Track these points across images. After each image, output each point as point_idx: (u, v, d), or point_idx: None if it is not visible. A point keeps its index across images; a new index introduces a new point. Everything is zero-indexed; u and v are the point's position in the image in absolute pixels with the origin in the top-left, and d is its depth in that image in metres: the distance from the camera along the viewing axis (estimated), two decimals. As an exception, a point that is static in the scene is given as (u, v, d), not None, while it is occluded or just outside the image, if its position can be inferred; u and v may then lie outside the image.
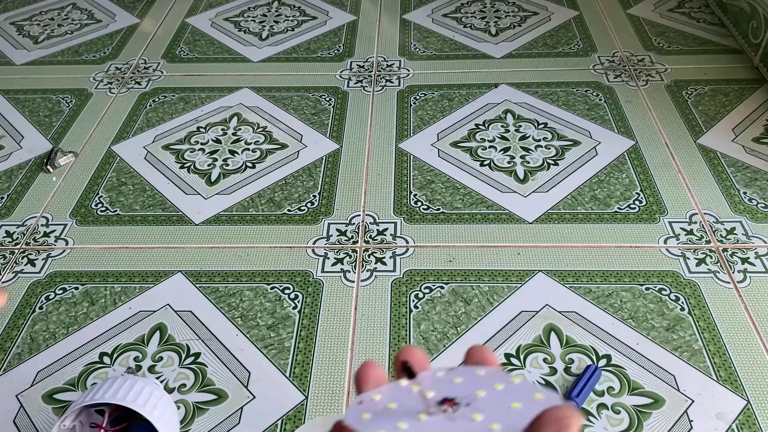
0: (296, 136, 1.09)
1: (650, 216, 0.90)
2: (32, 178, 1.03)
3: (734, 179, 0.96)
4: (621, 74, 1.20)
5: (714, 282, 0.80)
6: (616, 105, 1.12)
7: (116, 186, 1.00)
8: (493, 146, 1.04)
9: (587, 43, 1.30)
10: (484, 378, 0.21)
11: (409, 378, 0.22)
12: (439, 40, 1.33)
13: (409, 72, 1.23)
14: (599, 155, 1.02)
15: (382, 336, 0.76)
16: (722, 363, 0.72)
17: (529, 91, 1.17)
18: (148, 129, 1.12)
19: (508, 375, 0.21)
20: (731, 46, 1.26)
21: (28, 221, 0.94)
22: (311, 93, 1.19)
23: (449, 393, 0.20)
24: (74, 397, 0.71)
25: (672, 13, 1.37)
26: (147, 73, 1.26)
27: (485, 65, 1.24)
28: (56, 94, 1.22)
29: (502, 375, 0.21)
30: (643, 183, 0.96)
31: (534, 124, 1.09)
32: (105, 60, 1.31)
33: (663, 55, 1.24)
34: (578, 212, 0.92)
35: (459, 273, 0.83)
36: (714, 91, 1.14)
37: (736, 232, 0.87)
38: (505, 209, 0.92)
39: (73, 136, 1.11)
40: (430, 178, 0.99)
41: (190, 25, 1.42)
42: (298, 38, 1.36)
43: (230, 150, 1.07)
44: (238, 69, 1.27)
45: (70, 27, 1.43)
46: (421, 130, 1.09)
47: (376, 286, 0.82)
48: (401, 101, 1.16)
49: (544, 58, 1.26)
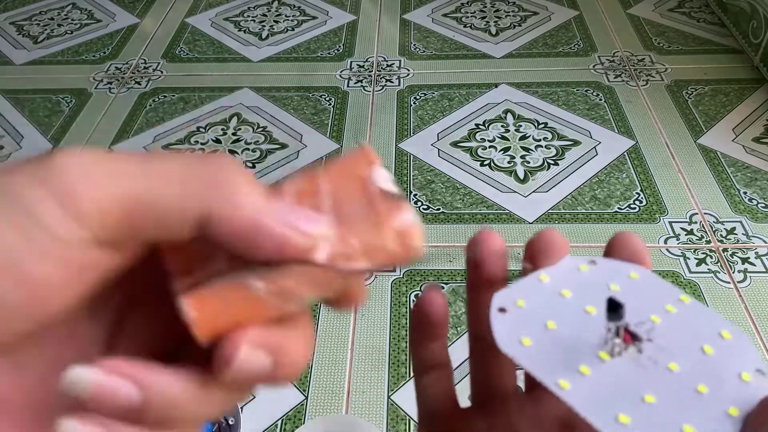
0: (296, 136, 1.09)
1: (650, 216, 0.90)
2: (32, 178, 1.02)
3: (734, 179, 0.96)
4: (621, 74, 1.20)
5: (714, 282, 0.80)
6: (617, 105, 1.12)
7: (116, 186, 1.00)
8: (493, 146, 1.04)
9: (587, 42, 1.29)
10: (644, 287, 0.18)
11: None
12: (439, 39, 1.33)
13: (409, 72, 1.23)
14: (599, 155, 1.02)
15: (382, 336, 0.76)
16: (722, 363, 0.72)
17: (529, 90, 1.17)
18: (147, 129, 1.12)
19: (670, 287, 0.18)
20: (731, 45, 1.25)
21: (28, 221, 0.94)
22: (311, 93, 1.19)
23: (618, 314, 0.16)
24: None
25: (672, 13, 1.37)
26: (147, 73, 1.26)
27: (485, 65, 1.24)
28: (56, 94, 1.21)
29: (664, 286, 0.18)
30: (643, 183, 0.96)
31: (534, 124, 1.09)
32: (105, 60, 1.31)
33: (663, 54, 1.24)
34: (578, 212, 0.92)
35: (459, 273, 0.83)
36: (714, 91, 1.14)
37: (736, 232, 0.87)
38: (506, 209, 0.92)
39: (73, 136, 1.11)
40: (430, 178, 0.99)
41: (190, 24, 1.42)
42: (298, 38, 1.36)
43: (230, 150, 1.07)
44: (238, 69, 1.27)
45: (69, 27, 1.43)
46: (421, 130, 1.09)
47: (376, 286, 0.82)
48: (401, 101, 1.16)
49: (545, 57, 1.26)
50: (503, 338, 0.17)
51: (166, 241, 0.15)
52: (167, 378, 0.14)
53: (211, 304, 0.15)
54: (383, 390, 0.71)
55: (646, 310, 0.17)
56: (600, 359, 0.16)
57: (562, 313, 0.17)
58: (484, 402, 0.21)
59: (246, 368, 0.15)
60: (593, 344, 0.16)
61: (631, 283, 0.18)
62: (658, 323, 0.17)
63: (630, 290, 0.18)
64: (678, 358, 0.16)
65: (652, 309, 0.17)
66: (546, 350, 0.16)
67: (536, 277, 0.18)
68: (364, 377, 0.72)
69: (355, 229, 0.15)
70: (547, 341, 0.17)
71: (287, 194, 0.16)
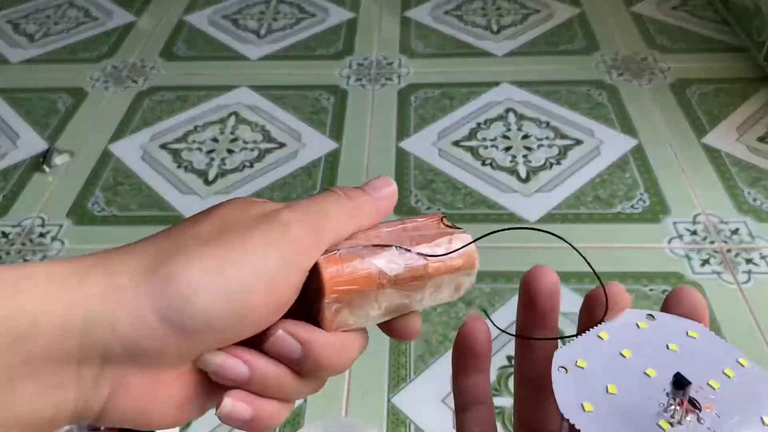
0: (295, 135, 1.08)
1: (654, 216, 0.89)
2: (28, 178, 1.01)
3: (738, 179, 0.95)
4: (624, 73, 1.18)
5: (718, 283, 0.79)
6: (619, 104, 1.11)
7: (113, 186, 0.99)
8: (495, 145, 1.03)
9: (590, 41, 1.28)
10: (703, 348, 0.17)
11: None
12: (439, 37, 1.32)
13: (410, 70, 1.22)
14: (602, 154, 1.00)
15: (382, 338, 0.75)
16: (727, 366, 0.71)
17: (531, 89, 1.16)
18: (144, 128, 1.11)
19: (729, 348, 0.18)
20: (735, 44, 1.24)
21: (24, 222, 0.93)
22: (310, 91, 1.18)
23: (672, 373, 0.16)
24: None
25: (675, 11, 1.36)
26: (144, 72, 1.25)
27: (487, 63, 1.23)
28: (52, 93, 1.20)
29: (723, 347, 0.18)
30: (646, 183, 0.95)
31: (536, 123, 1.08)
32: (102, 58, 1.29)
33: (666, 53, 1.23)
34: (581, 212, 0.90)
35: (460, 274, 0.82)
36: (718, 90, 1.13)
37: (740, 232, 0.86)
38: (507, 209, 0.91)
39: (69, 135, 1.10)
40: (430, 178, 0.97)
41: (187, 22, 1.41)
42: (296, 36, 1.34)
43: (228, 149, 1.05)
44: (236, 67, 1.26)
45: (66, 25, 1.41)
46: (422, 129, 1.08)
47: (376, 287, 0.81)
48: (402, 100, 1.15)
49: (546, 56, 1.25)
50: (565, 401, 0.16)
51: None
52: (264, 361, 0.21)
53: (339, 271, 0.21)
54: (383, 392, 0.70)
55: (706, 374, 0.17)
56: (660, 428, 0.16)
57: (622, 375, 0.17)
58: None
59: (280, 346, 0.21)
60: (654, 412, 0.16)
61: (689, 343, 0.18)
62: (717, 389, 0.17)
63: (688, 350, 0.18)
64: (739, 428, 0.16)
65: (712, 373, 0.17)
66: (607, 417, 0.16)
67: (596, 335, 0.18)
68: (363, 379, 0.71)
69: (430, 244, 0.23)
70: (608, 407, 0.17)
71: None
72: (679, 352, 0.18)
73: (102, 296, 0.19)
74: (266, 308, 0.20)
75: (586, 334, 0.19)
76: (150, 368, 0.20)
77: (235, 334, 0.20)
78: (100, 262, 0.20)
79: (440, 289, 0.23)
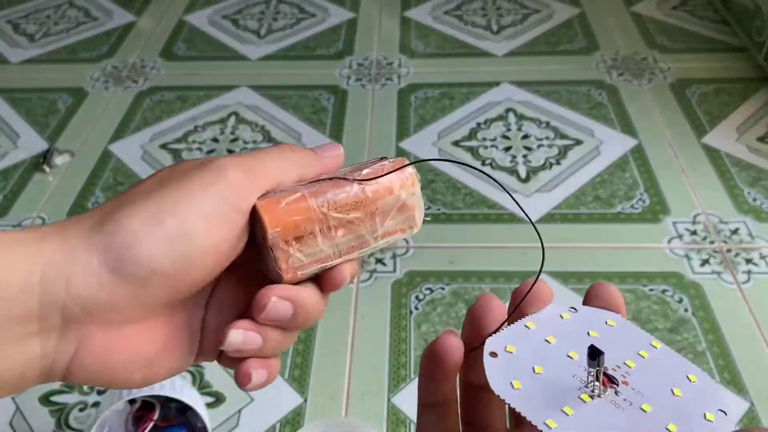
0: (295, 135, 1.08)
1: (654, 216, 0.89)
2: (28, 178, 1.01)
3: (738, 179, 0.95)
4: (624, 73, 1.19)
5: (718, 283, 0.79)
6: (619, 104, 1.11)
7: (113, 186, 0.99)
8: (495, 145, 1.03)
9: (590, 41, 1.28)
10: (620, 334, 0.20)
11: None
12: (439, 37, 1.32)
13: (410, 70, 1.22)
14: (602, 154, 1.01)
15: (382, 338, 0.75)
16: (726, 365, 0.71)
17: (531, 89, 1.16)
18: (145, 128, 1.11)
19: (643, 334, 0.20)
20: (735, 44, 1.24)
21: (24, 222, 0.93)
22: (310, 91, 1.18)
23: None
24: (71, 399, 0.70)
25: (675, 11, 1.36)
26: (144, 72, 1.25)
27: (487, 63, 1.23)
28: (52, 93, 1.20)
29: (637, 332, 0.20)
30: (646, 183, 0.95)
31: (536, 123, 1.08)
32: (102, 58, 1.30)
33: (666, 53, 1.23)
34: (581, 212, 0.91)
35: (460, 274, 0.82)
36: (718, 90, 1.13)
37: (740, 232, 0.86)
38: (507, 209, 0.91)
39: (70, 135, 1.10)
40: (430, 178, 0.98)
41: (187, 22, 1.41)
42: (296, 36, 1.34)
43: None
44: (236, 67, 1.26)
45: (66, 25, 1.41)
46: (422, 129, 1.08)
47: (376, 287, 0.81)
48: (401, 100, 1.15)
49: (546, 56, 1.25)
50: (496, 381, 0.18)
51: None
52: (266, 328, 0.23)
53: (277, 207, 0.22)
54: (383, 392, 0.70)
55: (622, 355, 0.19)
56: (582, 401, 0.18)
57: (547, 358, 0.19)
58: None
59: (274, 312, 0.22)
60: (576, 387, 0.18)
61: (608, 330, 0.20)
62: (633, 367, 0.19)
63: (607, 337, 0.20)
64: (650, 399, 0.18)
65: (628, 354, 0.19)
66: (534, 393, 0.18)
67: (523, 325, 0.20)
68: (363, 379, 0.71)
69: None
70: (535, 384, 0.18)
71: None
72: (598, 338, 0.20)
73: (56, 256, 0.20)
74: (210, 251, 0.21)
75: (514, 324, 0.20)
76: (110, 324, 0.21)
77: (183, 279, 0.21)
78: (56, 228, 0.21)
79: (389, 216, 0.23)
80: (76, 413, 0.69)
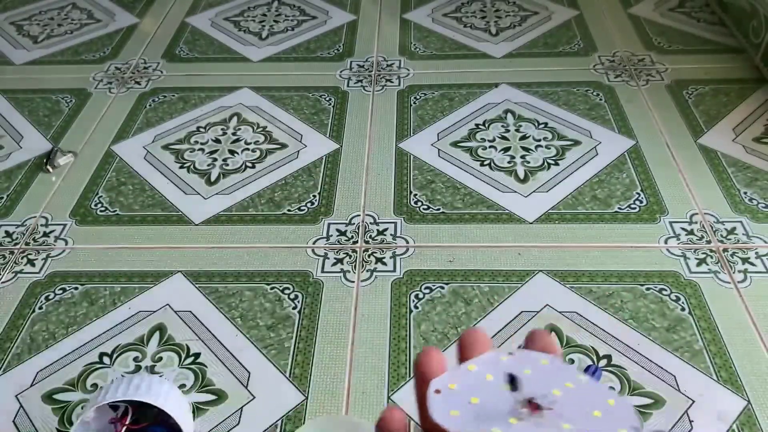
0: (296, 135, 1.09)
1: (651, 216, 0.90)
2: (32, 178, 1.02)
3: (735, 179, 0.95)
4: (621, 74, 1.19)
5: (715, 282, 0.80)
6: (617, 105, 1.12)
7: (116, 186, 1.00)
8: (494, 146, 1.04)
9: (588, 42, 1.29)
10: (551, 371, 0.22)
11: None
12: (439, 39, 1.33)
13: (410, 72, 1.23)
14: (600, 155, 1.01)
15: (382, 336, 0.76)
16: (723, 363, 0.71)
17: (529, 90, 1.16)
18: (147, 129, 1.12)
19: (572, 369, 0.22)
20: (732, 45, 1.25)
21: (28, 221, 0.94)
22: (311, 93, 1.19)
23: (527, 390, 0.22)
24: (74, 398, 0.71)
25: (673, 13, 1.37)
26: (147, 73, 1.26)
27: (485, 65, 1.24)
28: (56, 94, 1.21)
29: (567, 369, 0.22)
30: (643, 183, 0.96)
31: (534, 123, 1.09)
32: (105, 60, 1.31)
33: (663, 54, 1.24)
34: (579, 212, 0.91)
35: (459, 273, 0.83)
36: (715, 91, 1.14)
37: (736, 232, 0.87)
38: (506, 209, 0.92)
39: (73, 135, 1.11)
40: (430, 178, 0.98)
41: (189, 24, 1.42)
42: (297, 38, 1.35)
43: (230, 150, 1.06)
44: (237, 69, 1.27)
45: (69, 27, 1.42)
46: (422, 130, 1.08)
47: (376, 286, 0.82)
48: (401, 101, 1.16)
49: (545, 57, 1.25)
50: (437, 412, 0.21)
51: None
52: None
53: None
54: (383, 390, 0.71)
55: (550, 386, 0.22)
56: (509, 423, 0.20)
57: (483, 391, 0.22)
58: None
59: None
60: (506, 412, 0.21)
61: (541, 367, 0.23)
62: (558, 395, 0.21)
63: (539, 372, 0.22)
64: (571, 420, 0.20)
65: (555, 385, 0.22)
66: (469, 418, 0.21)
67: (465, 367, 0.23)
68: (364, 377, 0.72)
69: None
70: (470, 412, 0.21)
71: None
72: (531, 374, 0.22)
73: None
74: None
75: (458, 367, 0.23)
76: None
77: None
78: None
79: None
80: (79, 411, 0.70)
